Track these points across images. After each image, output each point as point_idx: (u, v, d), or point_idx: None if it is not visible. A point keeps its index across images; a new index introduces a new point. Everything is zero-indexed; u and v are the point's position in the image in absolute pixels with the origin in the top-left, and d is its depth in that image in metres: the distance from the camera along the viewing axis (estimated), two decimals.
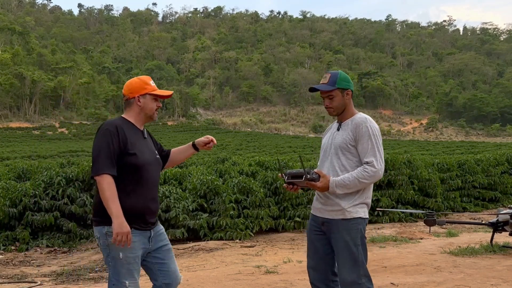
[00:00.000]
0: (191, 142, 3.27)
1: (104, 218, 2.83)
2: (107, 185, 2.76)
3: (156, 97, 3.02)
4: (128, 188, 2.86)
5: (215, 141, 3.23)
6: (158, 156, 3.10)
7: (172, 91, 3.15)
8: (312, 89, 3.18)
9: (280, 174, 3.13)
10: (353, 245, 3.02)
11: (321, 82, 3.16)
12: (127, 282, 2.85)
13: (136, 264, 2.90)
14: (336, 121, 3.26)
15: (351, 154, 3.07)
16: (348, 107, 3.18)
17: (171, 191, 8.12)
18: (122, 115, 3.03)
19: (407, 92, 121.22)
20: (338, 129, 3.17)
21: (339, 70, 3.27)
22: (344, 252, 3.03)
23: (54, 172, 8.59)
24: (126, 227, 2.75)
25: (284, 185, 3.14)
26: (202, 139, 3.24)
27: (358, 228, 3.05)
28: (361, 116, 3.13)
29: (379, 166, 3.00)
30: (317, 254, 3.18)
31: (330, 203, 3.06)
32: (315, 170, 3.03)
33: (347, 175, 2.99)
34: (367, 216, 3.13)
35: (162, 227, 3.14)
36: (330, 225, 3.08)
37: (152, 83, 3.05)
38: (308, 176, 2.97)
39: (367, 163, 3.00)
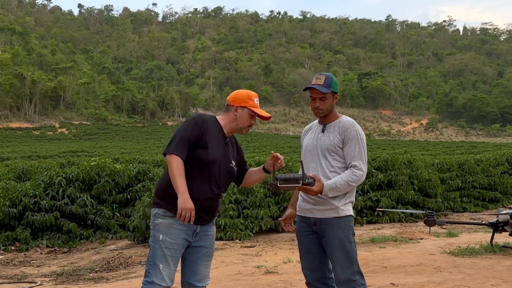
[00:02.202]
0: (262, 166, 3.30)
1: (157, 200, 3.01)
2: (176, 164, 2.87)
3: (253, 115, 3.11)
4: (189, 177, 2.93)
5: (279, 157, 3.12)
6: (232, 165, 3.13)
7: (270, 115, 3.22)
8: (307, 88, 3.20)
9: (272, 181, 3.01)
10: (347, 242, 3.09)
11: (314, 83, 3.15)
12: (161, 265, 2.92)
13: (174, 251, 2.95)
14: (318, 122, 3.29)
15: (338, 155, 3.13)
16: (333, 110, 3.24)
17: None
18: (217, 116, 3.13)
19: (407, 92, 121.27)
20: (323, 131, 3.20)
21: (330, 73, 3.31)
22: (339, 250, 3.08)
23: (54, 172, 8.59)
24: (190, 203, 2.84)
25: (269, 184, 3.05)
26: (268, 160, 3.22)
27: (350, 225, 3.13)
28: (347, 119, 3.19)
29: (365, 169, 3.12)
30: (311, 254, 3.22)
31: (322, 203, 3.11)
32: (311, 174, 3.06)
33: (338, 179, 3.06)
34: (353, 214, 3.24)
35: (214, 231, 3.19)
36: (323, 224, 3.13)
37: (256, 100, 3.14)
38: (306, 181, 3.00)
39: (355, 166, 3.08)
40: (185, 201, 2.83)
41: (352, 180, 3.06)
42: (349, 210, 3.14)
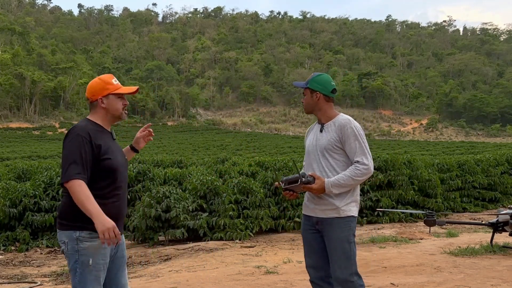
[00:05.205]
0: (129, 145, 3.18)
1: (74, 222, 2.73)
2: (78, 188, 2.63)
3: (121, 96, 2.90)
4: (105, 193, 2.77)
5: (150, 130, 3.15)
6: (126, 158, 3.03)
7: (137, 87, 2.99)
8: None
9: (277, 182, 3.25)
10: (346, 243, 3.12)
11: None
12: None
13: (103, 271, 2.80)
14: (317, 122, 3.34)
15: (337, 154, 3.17)
16: (324, 109, 3.25)
17: (171, 191, 8.12)
18: (88, 117, 2.89)
19: (407, 93, 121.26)
20: (321, 131, 3.25)
21: (324, 73, 3.38)
22: (338, 250, 3.11)
23: (54, 173, 8.59)
24: (109, 222, 2.62)
25: (283, 192, 3.26)
26: (137, 134, 3.14)
27: (351, 226, 3.16)
28: (343, 117, 3.21)
29: (369, 162, 3.12)
30: (315, 252, 3.25)
31: (323, 202, 3.15)
32: (310, 173, 3.13)
33: (341, 175, 3.10)
34: (357, 215, 3.24)
35: (123, 236, 3.08)
36: (324, 224, 3.16)
37: (114, 81, 2.90)
38: (303, 179, 3.05)
39: (357, 162, 3.11)
40: (103, 222, 2.60)
41: (356, 175, 3.08)
42: (351, 211, 3.15)
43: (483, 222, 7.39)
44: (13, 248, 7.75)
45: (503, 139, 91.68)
